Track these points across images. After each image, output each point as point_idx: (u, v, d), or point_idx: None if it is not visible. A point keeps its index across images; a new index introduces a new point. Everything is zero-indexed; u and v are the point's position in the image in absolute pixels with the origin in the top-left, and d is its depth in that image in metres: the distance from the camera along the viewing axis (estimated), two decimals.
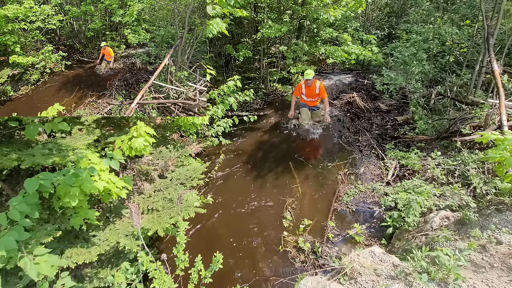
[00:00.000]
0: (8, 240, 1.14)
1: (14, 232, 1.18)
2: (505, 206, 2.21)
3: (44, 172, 1.39)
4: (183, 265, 1.87)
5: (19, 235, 1.18)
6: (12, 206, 1.25)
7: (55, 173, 1.44)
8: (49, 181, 1.36)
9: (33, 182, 1.32)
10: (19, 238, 1.18)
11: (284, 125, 5.55)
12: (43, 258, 1.23)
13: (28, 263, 1.19)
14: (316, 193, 3.66)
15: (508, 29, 4.98)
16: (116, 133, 2.46)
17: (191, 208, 2.32)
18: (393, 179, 3.70)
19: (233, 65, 7.65)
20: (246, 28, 7.36)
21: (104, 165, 1.67)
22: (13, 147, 1.73)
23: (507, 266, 1.72)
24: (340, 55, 5.97)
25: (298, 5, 6.05)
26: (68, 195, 1.41)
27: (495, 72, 3.72)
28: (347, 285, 1.75)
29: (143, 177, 2.76)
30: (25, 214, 1.26)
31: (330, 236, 2.94)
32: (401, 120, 5.24)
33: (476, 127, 3.77)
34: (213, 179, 4.02)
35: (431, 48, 5.34)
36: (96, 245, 1.95)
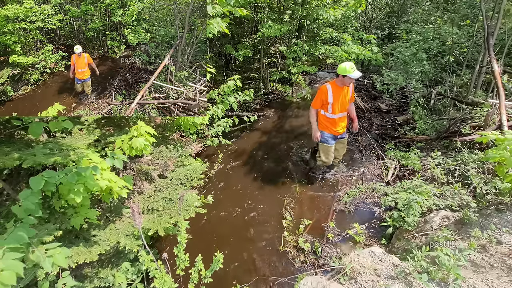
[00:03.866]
0: (19, 234, 1.17)
1: (22, 228, 1.20)
2: (505, 206, 2.21)
3: (48, 171, 1.40)
4: (183, 265, 1.87)
5: (27, 232, 1.20)
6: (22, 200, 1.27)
7: (58, 172, 1.44)
8: (53, 179, 1.37)
9: (38, 180, 1.33)
10: (27, 234, 1.19)
11: (298, 159, 4.28)
12: (56, 250, 1.26)
13: (41, 256, 1.22)
14: (316, 193, 3.66)
15: (508, 29, 4.98)
16: (116, 133, 2.47)
17: (191, 208, 2.32)
18: (393, 179, 3.70)
19: (233, 65, 7.66)
20: (246, 28, 7.37)
21: (108, 164, 1.68)
22: (14, 147, 1.73)
23: (507, 266, 1.72)
24: (340, 55, 5.97)
25: (298, 5, 6.05)
26: (73, 191, 1.42)
27: (495, 72, 3.72)
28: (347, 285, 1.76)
29: (143, 177, 2.77)
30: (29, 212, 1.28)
31: (330, 236, 2.94)
32: (401, 120, 5.24)
33: (476, 127, 3.77)
34: (213, 179, 4.03)
35: (431, 48, 5.34)
36: (96, 244, 1.95)
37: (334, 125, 3.21)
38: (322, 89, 3.05)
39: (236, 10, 3.12)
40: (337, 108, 3.08)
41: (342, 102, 3.07)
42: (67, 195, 1.44)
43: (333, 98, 3.02)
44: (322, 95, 3.04)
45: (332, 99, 3.02)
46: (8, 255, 1.08)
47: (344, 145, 3.55)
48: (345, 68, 2.81)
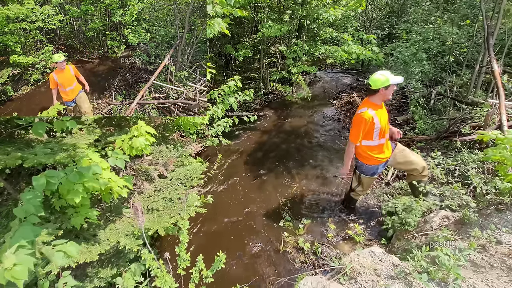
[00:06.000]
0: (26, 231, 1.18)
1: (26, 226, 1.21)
2: (505, 206, 2.21)
3: (50, 170, 1.41)
4: (184, 264, 1.87)
5: (31, 230, 1.21)
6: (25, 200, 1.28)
7: (59, 171, 1.45)
8: (56, 178, 1.37)
9: (41, 179, 1.34)
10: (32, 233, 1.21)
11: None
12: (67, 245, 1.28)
13: (51, 250, 1.24)
14: (315, 193, 3.66)
15: (508, 29, 4.99)
16: (117, 133, 2.47)
17: (191, 208, 2.33)
18: (392, 179, 3.71)
19: (233, 65, 7.66)
20: (246, 28, 7.37)
21: (110, 163, 1.68)
22: (15, 147, 1.73)
23: (507, 266, 1.72)
24: (340, 55, 5.97)
25: (298, 5, 6.06)
26: (72, 191, 1.42)
27: (495, 72, 3.72)
28: (347, 285, 1.76)
29: (143, 177, 2.77)
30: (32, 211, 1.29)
31: (330, 236, 2.94)
32: (401, 120, 5.24)
33: (476, 127, 3.77)
34: (213, 179, 4.03)
35: (431, 48, 5.34)
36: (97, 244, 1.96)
37: (383, 151, 2.59)
38: (362, 119, 2.36)
39: (236, 11, 3.12)
40: (385, 130, 2.51)
41: (386, 120, 2.49)
42: (66, 195, 1.44)
43: (380, 121, 2.41)
44: (365, 125, 2.38)
45: (380, 123, 2.41)
46: (21, 250, 1.09)
47: (401, 151, 2.77)
48: (385, 78, 2.28)
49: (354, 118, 2.49)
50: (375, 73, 2.38)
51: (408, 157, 2.72)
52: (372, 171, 2.69)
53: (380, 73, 2.33)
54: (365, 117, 2.35)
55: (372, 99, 2.43)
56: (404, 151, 2.76)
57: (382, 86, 2.31)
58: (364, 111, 2.37)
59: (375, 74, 2.36)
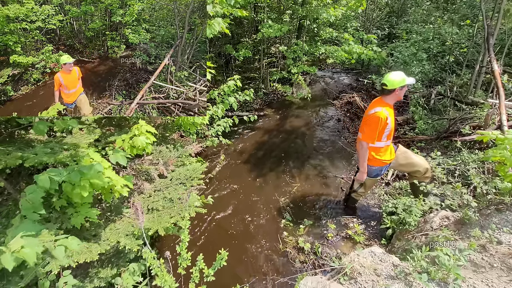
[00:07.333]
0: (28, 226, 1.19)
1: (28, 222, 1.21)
2: (505, 206, 2.21)
3: (52, 169, 1.41)
4: (185, 263, 1.87)
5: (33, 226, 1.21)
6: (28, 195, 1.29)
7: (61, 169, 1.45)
8: (58, 177, 1.37)
9: (44, 178, 1.33)
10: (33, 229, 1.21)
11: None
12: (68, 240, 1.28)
13: (52, 245, 1.24)
14: (316, 193, 3.66)
15: (508, 29, 4.99)
16: (117, 133, 2.47)
17: (191, 208, 2.32)
18: (392, 179, 3.71)
19: (233, 65, 7.66)
20: (246, 28, 7.37)
21: (111, 161, 1.69)
22: (15, 146, 1.73)
23: (507, 266, 1.72)
24: (340, 55, 5.98)
25: (298, 5, 6.06)
26: (79, 186, 1.42)
27: (495, 72, 3.72)
28: (347, 285, 1.76)
29: (143, 177, 2.77)
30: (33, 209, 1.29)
31: (330, 236, 2.94)
32: (401, 120, 5.24)
33: (476, 127, 3.77)
34: (213, 179, 4.03)
35: (431, 48, 5.35)
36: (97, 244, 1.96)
37: (388, 153, 2.59)
38: (377, 118, 2.32)
39: (236, 11, 3.12)
40: (393, 131, 2.52)
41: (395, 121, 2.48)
42: (71, 192, 1.44)
43: (392, 122, 2.40)
44: (380, 125, 2.34)
45: (391, 124, 2.40)
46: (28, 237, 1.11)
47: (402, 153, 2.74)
48: (402, 78, 2.29)
49: (368, 118, 2.44)
50: (389, 73, 2.37)
51: (410, 159, 2.71)
52: (376, 173, 2.69)
53: (396, 73, 2.32)
54: (381, 116, 2.31)
55: (386, 99, 2.41)
56: (406, 153, 2.74)
57: (399, 86, 2.31)
58: (379, 110, 2.33)
59: (390, 74, 2.35)
